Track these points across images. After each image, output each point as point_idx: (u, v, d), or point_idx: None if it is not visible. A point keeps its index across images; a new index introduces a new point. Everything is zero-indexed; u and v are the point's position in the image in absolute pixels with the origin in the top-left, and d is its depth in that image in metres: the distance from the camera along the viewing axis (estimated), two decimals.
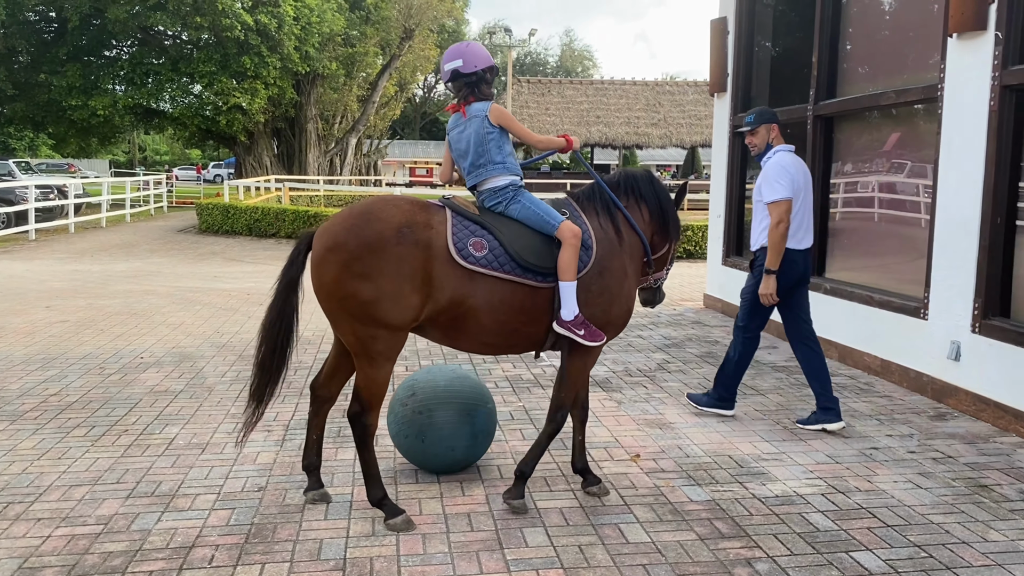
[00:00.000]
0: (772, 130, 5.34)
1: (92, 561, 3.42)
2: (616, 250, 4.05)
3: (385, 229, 3.61)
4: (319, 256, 3.64)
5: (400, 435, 4.38)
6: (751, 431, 5.23)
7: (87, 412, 5.50)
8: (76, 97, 29.26)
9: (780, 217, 5.09)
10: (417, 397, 4.35)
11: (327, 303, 3.70)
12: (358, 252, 3.57)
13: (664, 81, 39.27)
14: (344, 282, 3.59)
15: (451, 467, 4.39)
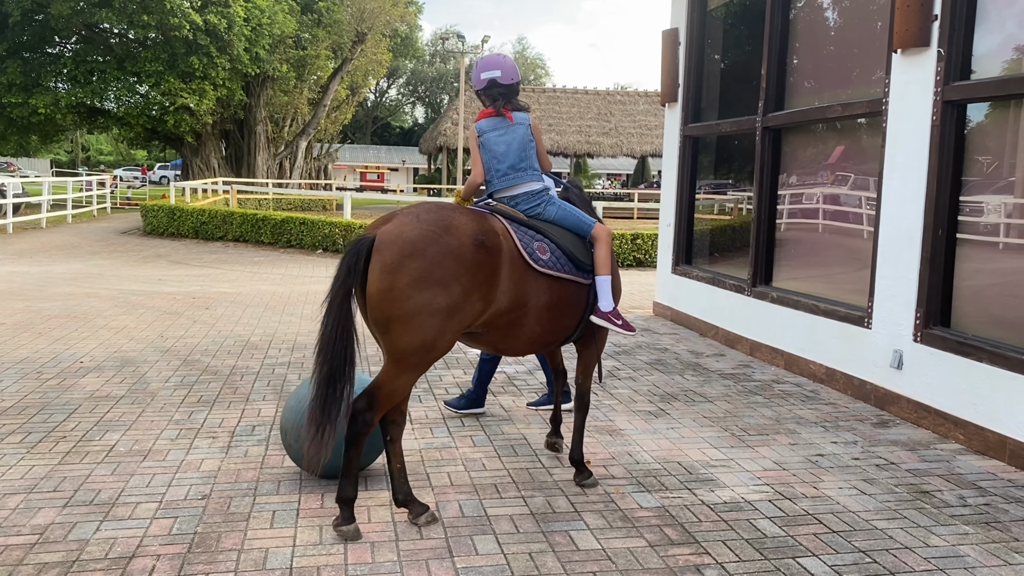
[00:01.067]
0: None
1: (26, 572, 3.30)
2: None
3: (465, 237, 3.68)
4: (395, 263, 3.54)
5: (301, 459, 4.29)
6: (700, 438, 5.27)
7: (23, 418, 5.31)
8: (16, 94, 28.48)
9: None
10: (289, 432, 4.33)
11: (392, 309, 3.56)
12: (439, 259, 3.56)
13: (615, 91, 39.67)
14: (422, 289, 3.54)
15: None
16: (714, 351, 7.99)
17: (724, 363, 7.48)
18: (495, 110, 4.32)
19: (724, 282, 8.37)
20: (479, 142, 4.33)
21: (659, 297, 10.05)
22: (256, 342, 7.87)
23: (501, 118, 4.30)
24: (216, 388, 6.15)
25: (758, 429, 5.49)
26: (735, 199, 9.13)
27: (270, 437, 5.05)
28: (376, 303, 3.57)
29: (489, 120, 4.33)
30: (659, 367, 7.23)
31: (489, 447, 4.99)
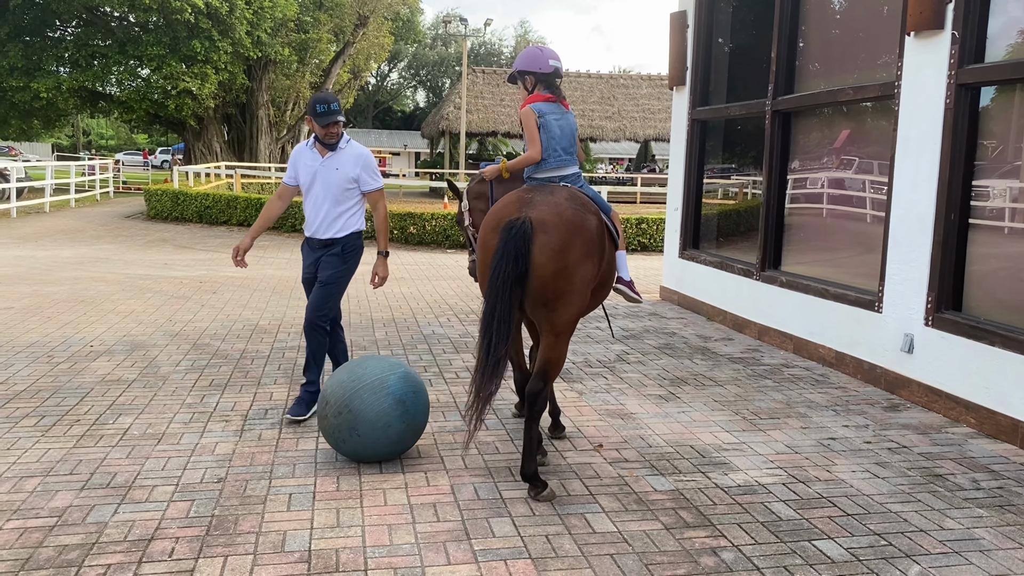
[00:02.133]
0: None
1: (47, 555, 3.32)
2: None
3: (595, 213, 4.22)
4: (565, 243, 3.91)
5: (341, 443, 4.30)
6: (711, 421, 5.28)
7: (36, 401, 5.33)
8: (17, 78, 28.33)
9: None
10: (331, 404, 4.30)
11: (564, 286, 3.94)
12: (592, 236, 4.05)
13: (619, 74, 39.48)
14: (585, 264, 3.98)
15: (402, 440, 4.33)
16: (722, 335, 8.00)
17: (733, 347, 7.49)
18: (554, 96, 4.59)
19: (732, 266, 8.36)
20: (540, 123, 4.49)
21: (666, 281, 10.04)
22: (265, 326, 7.87)
23: (558, 104, 4.59)
24: (227, 372, 6.16)
25: (769, 413, 5.50)
26: (743, 183, 9.10)
27: (283, 420, 5.06)
28: (551, 282, 3.91)
29: (548, 104, 4.57)
30: (668, 351, 7.23)
31: (502, 431, 5.00)
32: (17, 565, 3.23)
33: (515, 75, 4.72)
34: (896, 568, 3.38)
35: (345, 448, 4.31)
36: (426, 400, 4.49)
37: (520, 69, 4.66)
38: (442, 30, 58.10)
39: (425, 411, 4.47)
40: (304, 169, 5.15)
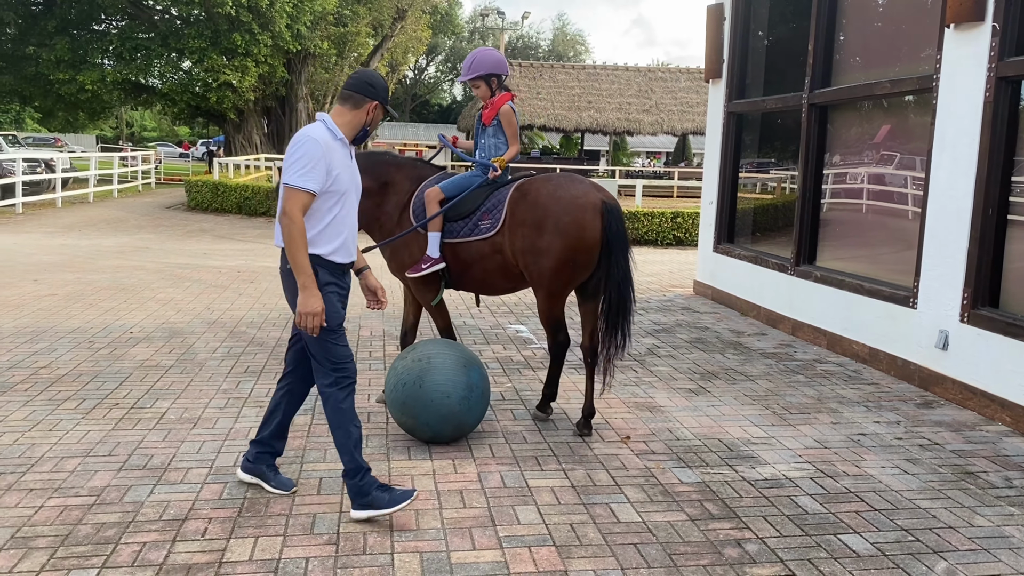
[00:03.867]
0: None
1: (85, 532, 3.42)
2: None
3: None
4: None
5: (398, 385, 4.43)
6: (740, 415, 5.26)
7: (77, 385, 5.48)
8: (64, 71, 28.91)
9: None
10: (417, 351, 4.55)
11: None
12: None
13: (656, 67, 39.21)
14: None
15: (446, 419, 4.38)
16: (755, 330, 7.95)
17: (765, 342, 7.44)
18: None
19: (767, 261, 8.30)
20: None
21: (700, 276, 10.00)
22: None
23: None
24: (262, 359, 6.27)
25: (799, 408, 5.47)
26: (779, 177, 9.03)
27: (315, 407, 5.14)
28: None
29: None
30: (699, 345, 7.21)
31: (529, 421, 5.04)
32: (57, 541, 3.34)
33: (484, 77, 4.97)
34: (923, 564, 3.36)
35: (401, 392, 4.41)
36: (482, 413, 4.59)
37: (494, 72, 4.98)
38: (480, 24, 58.14)
39: (476, 414, 4.53)
40: (343, 169, 3.58)
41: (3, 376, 5.63)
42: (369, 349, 6.73)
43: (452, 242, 4.90)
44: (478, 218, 4.86)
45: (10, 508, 3.62)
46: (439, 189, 4.89)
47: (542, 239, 4.59)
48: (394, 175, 5.09)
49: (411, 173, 5.13)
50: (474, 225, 4.86)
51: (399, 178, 5.08)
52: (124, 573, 3.11)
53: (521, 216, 4.69)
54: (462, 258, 4.92)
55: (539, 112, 35.09)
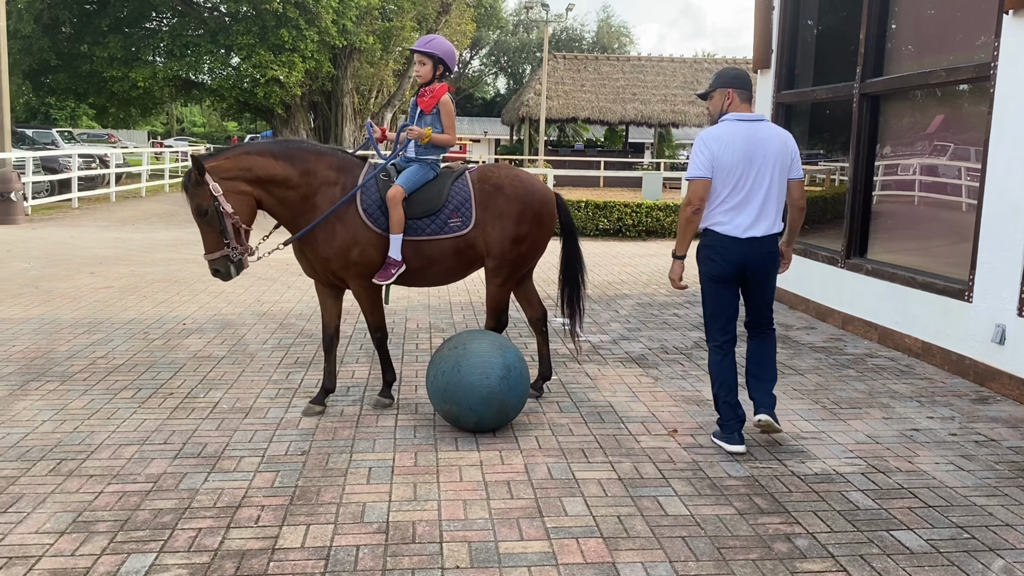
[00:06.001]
0: (727, 96, 4.48)
1: (143, 517, 3.52)
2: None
3: None
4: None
5: (438, 374, 4.51)
6: (790, 410, 5.21)
7: (133, 375, 5.62)
8: (117, 68, 29.53)
9: (688, 198, 4.37)
10: (451, 342, 4.65)
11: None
12: None
13: (703, 58, 38.79)
14: None
15: (487, 400, 4.41)
16: (804, 324, 7.85)
17: (815, 336, 7.34)
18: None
19: (816, 254, 8.18)
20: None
21: None
22: (347, 307, 8.05)
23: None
24: (311, 351, 6.37)
25: (850, 402, 5.40)
26: (828, 169, 8.88)
27: (364, 397, 5.21)
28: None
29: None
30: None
31: (576, 413, 5.04)
32: (117, 526, 3.43)
33: (435, 58, 4.93)
34: (978, 561, 3.30)
35: (441, 380, 4.49)
36: (523, 394, 4.62)
37: (445, 59, 4.97)
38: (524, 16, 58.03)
39: (516, 395, 4.55)
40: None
41: (63, 366, 5.79)
42: (416, 341, 6.79)
43: (417, 240, 4.79)
44: (447, 216, 4.82)
45: (72, 493, 3.74)
46: (401, 188, 4.73)
47: (521, 228, 4.89)
48: (315, 164, 4.74)
49: (333, 162, 4.80)
50: (443, 223, 4.82)
51: (321, 167, 4.75)
52: (181, 558, 3.19)
53: (499, 208, 4.87)
54: (428, 255, 4.84)
55: (583, 105, 34.94)
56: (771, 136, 4.39)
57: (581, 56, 38.69)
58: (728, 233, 4.35)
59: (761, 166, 4.33)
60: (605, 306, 8.45)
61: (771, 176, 4.35)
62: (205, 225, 4.52)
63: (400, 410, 5.02)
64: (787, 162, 4.44)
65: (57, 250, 11.63)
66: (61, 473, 3.96)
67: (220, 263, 4.59)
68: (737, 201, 4.33)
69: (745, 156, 4.30)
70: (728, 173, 4.31)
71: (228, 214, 4.48)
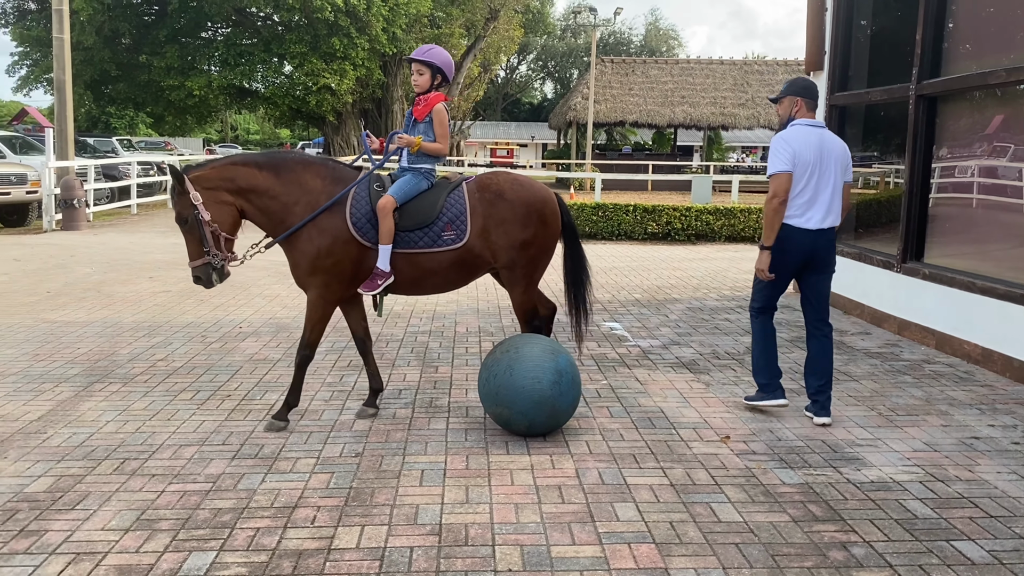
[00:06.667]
0: (796, 103, 5.04)
1: (203, 516, 3.61)
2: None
3: None
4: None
5: (490, 377, 4.55)
6: (844, 416, 5.13)
7: (192, 377, 5.76)
8: (173, 77, 30.31)
9: (774, 191, 4.85)
10: (504, 345, 4.69)
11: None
12: None
13: (753, 60, 38.38)
14: None
15: (539, 404, 4.43)
16: (859, 329, 7.72)
17: (870, 342, 7.22)
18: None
19: (871, 258, 8.04)
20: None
21: None
22: (398, 311, 8.17)
23: None
24: None
25: (907, 410, 5.30)
26: (882, 171, 8.73)
27: (415, 400, 5.26)
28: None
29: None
30: (800, 344, 7.04)
31: (626, 418, 5.03)
32: (178, 524, 3.53)
33: (433, 68, 4.89)
34: None
35: (493, 384, 4.53)
36: (575, 399, 4.64)
37: (443, 69, 4.92)
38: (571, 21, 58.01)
39: (568, 400, 4.57)
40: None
41: (124, 368, 5.96)
42: (465, 345, 6.84)
43: (409, 252, 4.72)
44: (440, 229, 4.73)
45: (135, 492, 3.85)
46: (393, 199, 4.66)
47: (527, 232, 4.85)
48: (301, 175, 4.71)
49: (323, 172, 4.77)
50: (436, 235, 4.72)
51: (307, 177, 4.71)
52: (240, 556, 3.26)
53: (502, 215, 4.81)
54: (424, 267, 4.78)
55: (631, 108, 34.82)
56: (834, 141, 4.99)
57: (629, 60, 38.57)
58: (802, 226, 4.88)
59: (828, 167, 4.91)
60: (655, 310, 8.41)
61: (834, 176, 4.92)
62: (187, 233, 4.62)
63: (451, 413, 5.07)
64: (845, 165, 5.00)
65: (117, 255, 11.96)
66: (125, 472, 4.08)
67: (202, 270, 4.65)
68: (809, 197, 4.88)
69: (816, 157, 4.88)
70: (803, 171, 4.86)
71: (206, 222, 4.54)
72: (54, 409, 5.04)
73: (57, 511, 3.64)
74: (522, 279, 4.97)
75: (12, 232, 15.50)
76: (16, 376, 5.74)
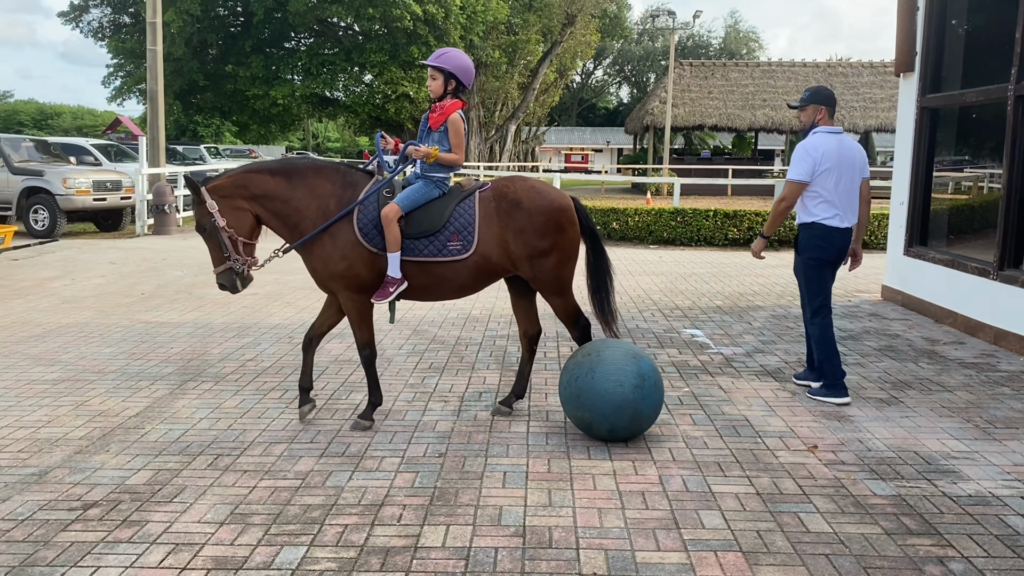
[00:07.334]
0: (820, 111, 5.51)
1: (294, 512, 3.70)
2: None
3: None
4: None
5: (571, 380, 4.56)
6: (938, 428, 4.96)
7: (280, 377, 5.92)
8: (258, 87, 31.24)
9: (785, 195, 5.48)
10: (585, 349, 4.72)
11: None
12: None
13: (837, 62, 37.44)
14: None
15: (621, 408, 4.41)
16: (952, 338, 7.45)
17: (964, 351, 6.96)
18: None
19: (965, 265, 7.75)
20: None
21: (888, 280, 9.47)
22: (477, 315, 8.24)
23: None
24: (444, 356, 6.53)
25: (1006, 422, 5.09)
26: (977, 175, 8.42)
27: (495, 403, 5.29)
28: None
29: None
30: (890, 354, 6.84)
31: (710, 426, 4.96)
32: (270, 519, 3.63)
33: (446, 72, 4.76)
34: None
35: (574, 387, 4.54)
36: (658, 404, 4.60)
37: (457, 74, 4.76)
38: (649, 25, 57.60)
39: (651, 405, 4.54)
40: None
41: (216, 367, 6.17)
42: (544, 350, 6.85)
43: (416, 260, 4.68)
44: (445, 238, 4.66)
45: (228, 487, 3.97)
46: (397, 207, 4.61)
47: (546, 240, 4.72)
48: (312, 179, 4.76)
49: (334, 177, 4.79)
50: (441, 245, 4.66)
51: (318, 182, 4.75)
52: (330, 552, 3.34)
53: (519, 224, 4.68)
54: (436, 273, 4.74)
55: (710, 112, 34.38)
56: (853, 146, 5.51)
57: (708, 63, 38.09)
58: (836, 225, 5.42)
59: (849, 170, 5.41)
60: (737, 318, 8.28)
61: (854, 179, 5.44)
62: (207, 240, 4.78)
63: (531, 417, 5.09)
64: (862, 166, 5.51)
65: (206, 259, 12.34)
66: (218, 468, 4.22)
67: (225, 276, 4.79)
68: (836, 199, 5.39)
69: (839, 162, 5.37)
70: (828, 176, 5.36)
71: (222, 227, 4.67)
72: (151, 406, 5.25)
73: (156, 503, 3.79)
74: (552, 286, 4.84)
75: (107, 236, 16.20)
76: (115, 374, 5.99)
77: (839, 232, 5.43)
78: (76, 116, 72.09)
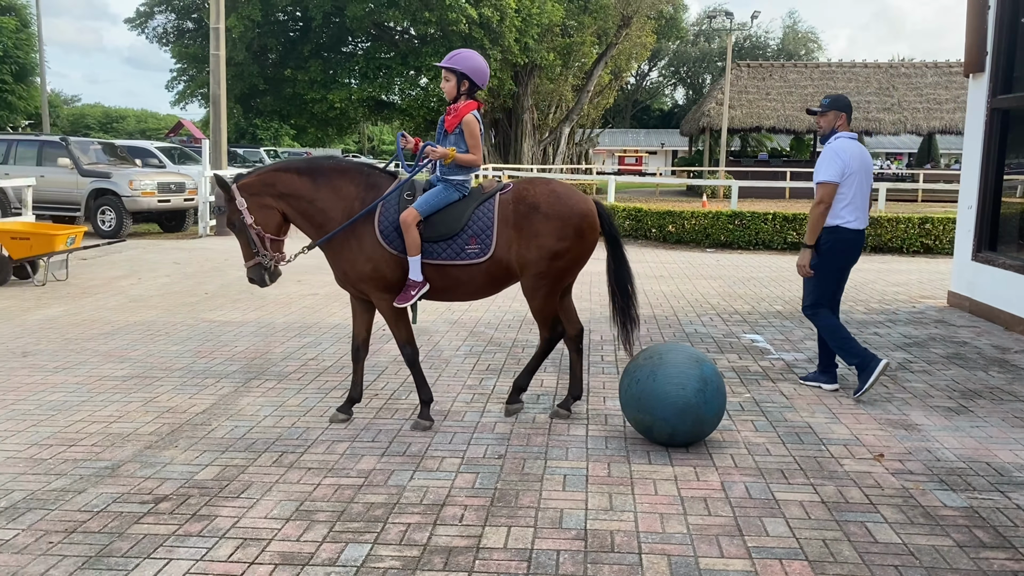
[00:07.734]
0: (840, 117, 5.69)
1: (357, 509, 3.75)
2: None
3: None
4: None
5: (632, 383, 4.53)
6: (1011, 439, 4.81)
7: (341, 376, 6.00)
8: (316, 91, 31.70)
9: (821, 197, 5.57)
10: (647, 352, 4.69)
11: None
12: None
13: (899, 63, 36.59)
14: None
15: (683, 412, 4.38)
16: (1020, 347, 7.22)
17: None
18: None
19: None
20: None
21: (955, 286, 9.23)
22: (531, 318, 8.23)
23: None
24: (501, 358, 6.55)
25: None
26: None
27: (554, 407, 5.29)
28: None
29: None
30: (957, 361, 6.66)
31: (772, 433, 4.89)
32: (335, 516, 3.68)
33: (458, 73, 4.76)
34: None
35: (635, 389, 4.52)
36: (720, 409, 4.56)
37: (469, 75, 4.77)
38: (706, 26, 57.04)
39: (714, 409, 4.49)
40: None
41: (279, 366, 6.28)
42: (600, 353, 6.83)
43: (434, 263, 4.72)
44: (464, 242, 4.67)
45: (293, 484, 4.04)
46: (416, 212, 4.64)
47: (561, 244, 4.70)
48: (336, 180, 4.83)
49: (357, 179, 4.86)
50: (459, 248, 4.68)
51: (342, 183, 4.82)
52: (393, 550, 3.37)
53: (535, 229, 4.68)
54: (453, 276, 4.76)
55: (768, 114, 33.91)
56: (865, 152, 5.72)
57: (766, 64, 37.57)
58: (857, 227, 5.62)
59: (866, 175, 5.67)
60: (798, 323, 8.14)
61: (869, 182, 5.70)
62: (238, 236, 4.89)
63: (590, 421, 5.07)
64: (870, 172, 5.75)
65: None
66: (283, 464, 4.29)
67: (254, 271, 4.91)
68: (856, 203, 5.59)
69: (858, 167, 5.59)
70: (851, 180, 5.56)
71: (250, 224, 4.78)
72: (217, 403, 5.36)
73: (224, 498, 3.87)
74: (544, 288, 4.79)
75: (171, 237, 16.62)
76: (182, 371, 6.14)
77: (858, 234, 5.65)
78: (140, 119, 74.08)
